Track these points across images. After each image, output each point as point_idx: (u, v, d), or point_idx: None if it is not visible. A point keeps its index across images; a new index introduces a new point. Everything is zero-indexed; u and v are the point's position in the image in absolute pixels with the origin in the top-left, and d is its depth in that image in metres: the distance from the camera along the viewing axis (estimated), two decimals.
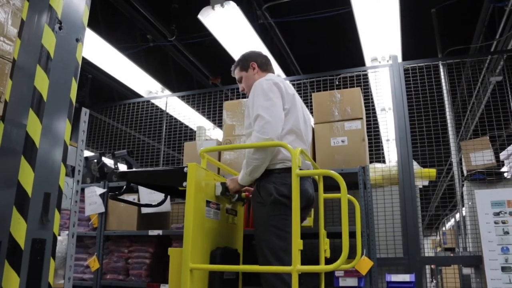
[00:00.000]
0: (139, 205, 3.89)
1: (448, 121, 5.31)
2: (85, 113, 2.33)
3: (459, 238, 7.45)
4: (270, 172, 2.58)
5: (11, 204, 1.64)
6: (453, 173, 5.07)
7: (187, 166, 2.47)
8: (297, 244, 2.11)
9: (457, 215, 7.21)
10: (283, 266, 2.36)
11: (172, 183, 2.69)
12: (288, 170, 2.46)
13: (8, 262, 1.60)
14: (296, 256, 2.10)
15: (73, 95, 1.96)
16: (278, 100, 2.61)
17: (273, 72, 3.00)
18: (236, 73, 3.02)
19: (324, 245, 2.89)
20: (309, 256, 3.11)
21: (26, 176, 1.68)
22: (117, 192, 3.30)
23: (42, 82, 1.80)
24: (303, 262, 2.14)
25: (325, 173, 2.26)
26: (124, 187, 3.29)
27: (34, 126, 1.74)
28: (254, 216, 2.64)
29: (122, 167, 4.59)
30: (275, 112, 2.55)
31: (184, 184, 2.45)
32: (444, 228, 13.50)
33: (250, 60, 2.95)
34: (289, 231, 2.23)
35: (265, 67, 2.96)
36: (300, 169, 2.35)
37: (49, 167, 1.80)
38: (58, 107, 1.88)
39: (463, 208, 4.67)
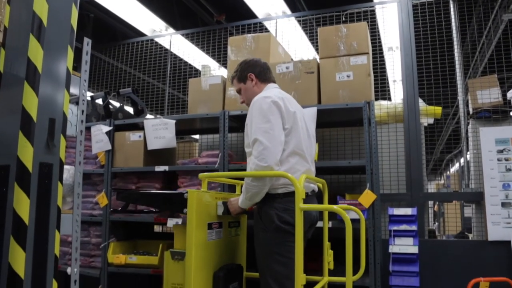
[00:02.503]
0: (142, 212, 3.92)
1: (457, 60, 5.21)
2: (87, 43, 2.31)
3: (462, 182, 7.54)
4: (272, 197, 2.53)
5: (17, 129, 1.67)
6: (459, 112, 5.04)
7: (187, 192, 2.43)
8: (300, 279, 2.11)
9: (462, 160, 7.24)
10: None
11: (172, 209, 2.66)
12: (290, 194, 2.43)
13: (18, 184, 1.65)
14: None
15: (74, 21, 1.94)
16: (277, 121, 2.49)
17: (273, 81, 2.85)
18: (234, 84, 2.89)
19: (328, 257, 2.89)
20: None
21: (30, 102, 1.69)
22: (119, 209, 3.32)
23: (41, 7, 1.77)
24: None
25: (329, 208, 2.22)
26: (121, 208, 3.31)
27: (35, 52, 1.73)
28: (256, 241, 2.61)
29: (128, 109, 4.61)
30: (274, 136, 2.45)
31: (185, 210, 2.43)
32: (448, 172, 13.61)
33: (247, 71, 2.80)
34: (292, 257, 2.22)
35: (264, 76, 2.81)
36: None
37: (52, 93, 1.81)
38: (59, 32, 1.86)
39: (468, 153, 4.68)
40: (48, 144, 1.75)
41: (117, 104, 4.43)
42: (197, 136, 5.37)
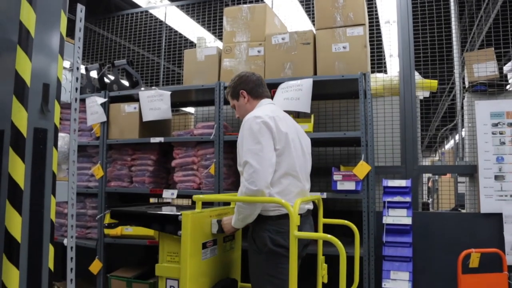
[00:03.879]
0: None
1: (454, 34, 5.18)
2: (80, 10, 2.27)
3: (456, 159, 7.59)
4: (265, 219, 2.52)
5: (10, 93, 1.65)
6: (455, 86, 5.03)
7: (181, 215, 2.44)
8: None
9: (457, 136, 7.27)
10: None
11: (166, 231, 2.65)
12: (283, 216, 2.45)
13: (13, 149, 1.64)
14: None
15: None
16: (268, 142, 2.46)
17: (267, 96, 2.80)
18: (229, 100, 2.87)
19: (322, 270, 2.88)
20: None
21: (23, 66, 1.67)
22: (113, 224, 3.31)
23: None
24: None
25: (323, 237, 2.21)
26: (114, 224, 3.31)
27: (27, 16, 1.70)
28: (249, 262, 2.62)
29: (123, 82, 4.58)
30: (264, 158, 2.42)
31: (179, 233, 2.44)
32: (443, 149, 13.69)
33: (240, 87, 2.76)
34: (285, 278, 2.27)
35: (257, 93, 2.76)
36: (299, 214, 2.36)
37: (46, 58, 1.79)
38: None
39: (463, 129, 4.68)
40: (42, 109, 1.74)
41: (112, 78, 4.40)
42: (192, 110, 5.35)
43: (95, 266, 3.98)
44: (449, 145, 13.08)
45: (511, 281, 3.46)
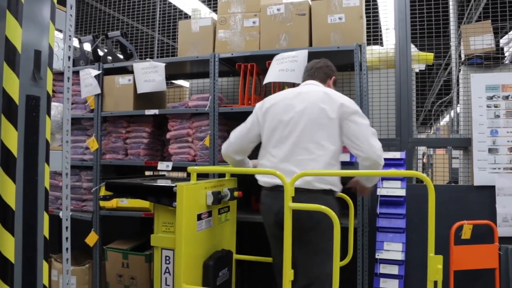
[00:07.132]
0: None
1: (451, 8, 5.14)
2: None
3: (451, 134, 7.61)
4: None
5: (1, 60, 1.63)
6: (451, 59, 5.01)
7: (176, 186, 2.46)
8: (288, 275, 2.16)
9: (452, 112, 7.27)
10: None
11: (161, 203, 2.66)
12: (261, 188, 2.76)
13: (5, 116, 1.63)
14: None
15: None
16: (247, 123, 2.86)
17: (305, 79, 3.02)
18: None
19: None
20: None
21: (14, 32, 1.64)
22: (108, 197, 3.31)
23: None
24: None
25: (318, 208, 2.23)
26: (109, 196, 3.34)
27: None
28: None
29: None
30: (234, 132, 2.90)
31: (174, 204, 2.48)
32: (438, 124, 13.70)
33: None
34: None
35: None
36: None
37: (37, 24, 1.76)
38: None
39: (458, 104, 4.67)
40: (34, 77, 1.72)
41: (105, 50, 4.34)
42: (187, 84, 5.31)
43: (91, 238, 4.00)
44: (444, 121, 13.09)
45: (502, 252, 3.51)
